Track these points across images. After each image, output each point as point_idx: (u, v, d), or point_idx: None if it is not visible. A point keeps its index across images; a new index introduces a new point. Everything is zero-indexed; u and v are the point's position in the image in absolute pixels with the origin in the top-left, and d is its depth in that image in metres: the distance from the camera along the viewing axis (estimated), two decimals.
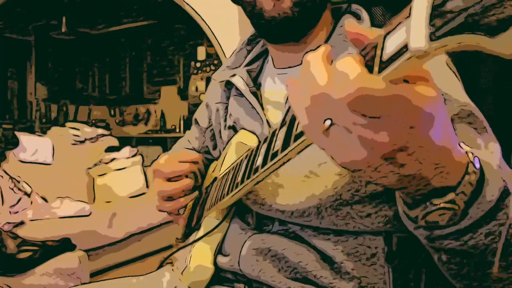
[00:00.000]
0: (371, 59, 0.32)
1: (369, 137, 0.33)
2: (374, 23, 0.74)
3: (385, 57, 0.31)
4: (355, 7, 0.75)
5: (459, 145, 0.41)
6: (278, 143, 0.49)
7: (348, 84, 0.31)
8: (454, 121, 0.59)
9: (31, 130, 5.16)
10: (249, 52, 0.85)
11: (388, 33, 0.31)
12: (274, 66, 0.79)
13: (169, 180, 0.83)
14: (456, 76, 0.67)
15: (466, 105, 0.60)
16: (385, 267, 0.63)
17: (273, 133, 0.53)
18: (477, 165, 0.42)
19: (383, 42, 0.31)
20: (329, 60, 0.36)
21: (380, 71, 0.31)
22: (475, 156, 0.42)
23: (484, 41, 0.25)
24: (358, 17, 0.74)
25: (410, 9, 0.29)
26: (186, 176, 0.82)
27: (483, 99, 0.82)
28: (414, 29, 0.28)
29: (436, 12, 0.27)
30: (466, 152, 0.41)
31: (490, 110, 0.82)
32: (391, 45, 0.30)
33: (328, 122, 0.35)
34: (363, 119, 0.32)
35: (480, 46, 0.26)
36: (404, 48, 0.29)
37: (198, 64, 5.45)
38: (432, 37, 0.27)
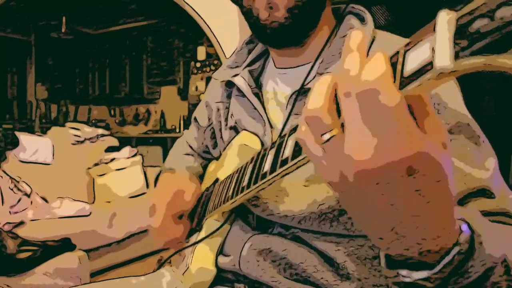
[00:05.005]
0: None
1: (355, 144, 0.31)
2: (374, 24, 0.74)
3: (407, 73, 0.30)
4: (358, 8, 0.74)
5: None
6: (288, 150, 0.48)
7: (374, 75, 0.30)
8: (451, 133, 0.58)
9: (31, 130, 5.16)
10: (250, 51, 0.85)
11: (409, 49, 0.30)
12: (275, 66, 0.78)
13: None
14: (456, 85, 0.66)
15: (463, 116, 0.60)
16: None
17: (281, 141, 0.51)
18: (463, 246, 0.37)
19: (404, 58, 0.31)
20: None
21: (401, 87, 0.30)
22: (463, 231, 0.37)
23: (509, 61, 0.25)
24: (361, 18, 0.73)
25: (435, 26, 0.28)
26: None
27: (484, 100, 0.82)
28: (439, 46, 0.27)
29: (462, 31, 0.26)
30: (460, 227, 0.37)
31: (490, 111, 0.82)
32: (413, 62, 0.30)
33: (326, 136, 0.33)
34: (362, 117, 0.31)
35: (506, 67, 0.25)
36: (429, 66, 0.28)
37: (198, 64, 5.44)
38: (458, 56, 0.26)
